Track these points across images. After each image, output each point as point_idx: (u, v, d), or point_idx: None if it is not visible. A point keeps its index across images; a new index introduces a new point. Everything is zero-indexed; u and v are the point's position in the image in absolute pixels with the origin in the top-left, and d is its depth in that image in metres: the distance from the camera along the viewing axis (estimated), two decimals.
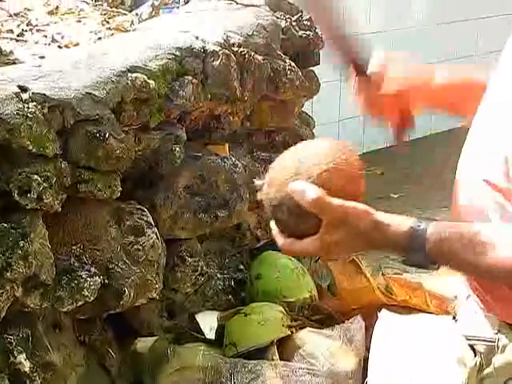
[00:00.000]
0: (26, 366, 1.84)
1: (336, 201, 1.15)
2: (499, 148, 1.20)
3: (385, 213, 1.18)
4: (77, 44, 2.40)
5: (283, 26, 2.83)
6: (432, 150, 5.16)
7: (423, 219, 1.16)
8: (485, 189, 1.23)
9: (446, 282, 2.43)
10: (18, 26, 2.53)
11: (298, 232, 1.20)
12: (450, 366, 1.43)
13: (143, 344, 2.29)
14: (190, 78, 2.27)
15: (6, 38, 2.40)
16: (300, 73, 2.74)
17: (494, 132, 1.24)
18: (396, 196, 4.43)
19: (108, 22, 2.63)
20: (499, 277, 1.14)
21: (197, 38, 2.39)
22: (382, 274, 2.65)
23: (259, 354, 2.26)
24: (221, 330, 2.36)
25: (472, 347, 1.38)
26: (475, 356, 1.37)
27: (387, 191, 4.42)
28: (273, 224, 1.25)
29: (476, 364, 1.36)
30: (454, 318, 1.45)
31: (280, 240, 1.22)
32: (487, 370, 1.34)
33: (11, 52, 2.22)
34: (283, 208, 1.20)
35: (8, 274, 1.71)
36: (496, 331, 1.31)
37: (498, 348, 1.31)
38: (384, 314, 1.96)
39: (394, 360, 1.73)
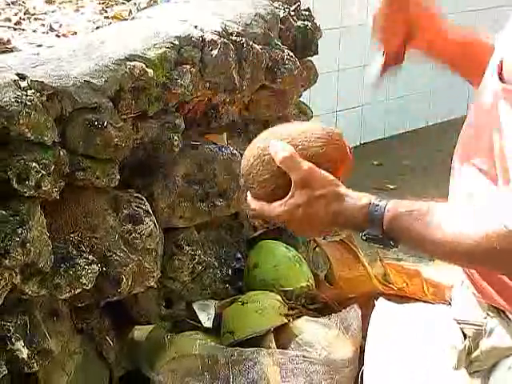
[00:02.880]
0: (24, 353, 1.85)
1: (306, 163, 1.18)
2: (488, 134, 1.21)
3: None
4: (75, 33, 2.39)
5: (281, 15, 2.83)
6: (431, 141, 5.16)
7: (385, 197, 1.17)
8: (475, 175, 1.24)
9: (444, 269, 2.44)
10: (16, 14, 2.52)
11: (269, 194, 1.22)
12: (443, 350, 1.45)
13: (140, 332, 2.30)
14: (189, 66, 2.27)
15: (4, 26, 2.39)
16: (298, 62, 2.74)
17: (485, 118, 1.25)
18: (392, 187, 4.44)
19: (106, 11, 2.61)
20: (445, 254, 1.15)
21: (195, 27, 2.39)
22: (380, 260, 2.65)
23: (256, 342, 2.26)
24: (218, 319, 2.37)
25: (462, 331, 1.39)
26: (465, 340, 1.38)
27: (384, 182, 4.43)
28: (248, 194, 1.28)
29: (465, 347, 1.37)
30: (450, 303, 1.46)
31: (252, 204, 1.25)
32: (475, 354, 1.35)
33: (9, 40, 2.22)
34: (258, 166, 1.23)
35: (6, 261, 1.72)
36: (485, 315, 1.32)
37: (485, 332, 1.32)
38: (381, 303, 1.97)
39: (391, 348, 1.74)
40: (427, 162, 4.76)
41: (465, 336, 1.38)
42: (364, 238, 1.16)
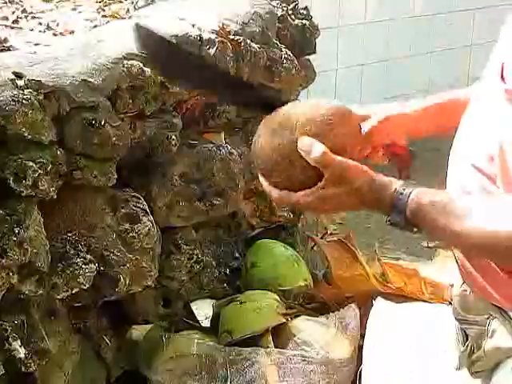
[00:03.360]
0: (21, 352, 1.84)
1: (339, 159, 1.19)
2: (486, 133, 1.22)
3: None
4: (72, 31, 2.39)
5: (279, 14, 2.83)
6: (429, 140, 5.15)
7: (410, 184, 1.19)
8: (473, 174, 1.25)
9: (442, 269, 2.44)
10: (13, 12, 2.52)
11: (295, 184, 1.23)
12: (444, 350, 1.45)
13: (138, 332, 2.30)
14: None
15: (1, 25, 2.39)
16: (296, 61, 2.74)
17: (485, 118, 1.25)
18: None
19: (103, 10, 2.61)
20: (465, 246, 1.18)
21: (193, 25, 2.38)
22: (378, 260, 2.65)
23: (254, 341, 2.26)
24: (216, 318, 2.36)
25: (464, 331, 1.39)
26: (467, 340, 1.38)
27: None
28: (262, 179, 1.28)
29: (467, 348, 1.37)
30: (450, 303, 1.46)
31: (275, 192, 1.25)
32: (477, 354, 1.36)
33: (6, 39, 2.21)
34: (283, 162, 1.23)
35: (3, 260, 1.71)
36: (487, 316, 1.33)
37: (487, 332, 1.33)
38: (379, 302, 1.97)
39: (389, 348, 1.74)
40: (425, 160, 4.76)
41: (466, 336, 1.38)
42: (388, 223, 1.19)
